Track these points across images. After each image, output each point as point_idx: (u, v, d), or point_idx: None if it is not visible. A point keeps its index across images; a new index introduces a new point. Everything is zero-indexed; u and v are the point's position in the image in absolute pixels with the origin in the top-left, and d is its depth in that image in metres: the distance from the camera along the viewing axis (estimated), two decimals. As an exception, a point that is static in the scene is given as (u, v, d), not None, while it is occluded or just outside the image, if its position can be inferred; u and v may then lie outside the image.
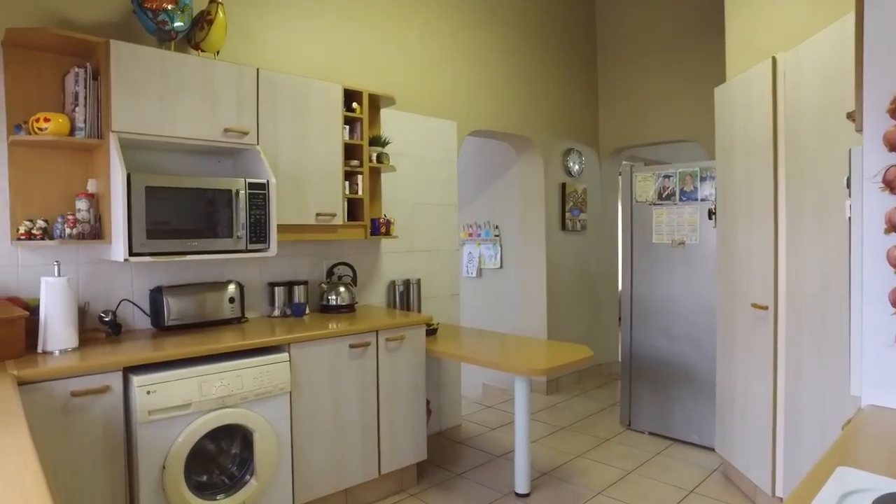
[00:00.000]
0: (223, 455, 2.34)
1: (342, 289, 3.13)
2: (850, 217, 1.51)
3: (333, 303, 3.10)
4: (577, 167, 5.01)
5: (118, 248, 2.20)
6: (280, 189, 2.70)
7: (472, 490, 2.98)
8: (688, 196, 3.48)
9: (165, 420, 2.06)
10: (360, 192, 3.07)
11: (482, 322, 5.09)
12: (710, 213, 3.36)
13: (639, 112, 4.99)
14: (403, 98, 3.68)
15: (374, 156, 3.17)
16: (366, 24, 3.49)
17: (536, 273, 4.78)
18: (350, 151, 3.06)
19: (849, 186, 1.51)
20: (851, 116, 1.73)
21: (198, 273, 2.77)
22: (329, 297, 3.11)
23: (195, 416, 2.13)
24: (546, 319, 4.74)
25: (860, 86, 1.36)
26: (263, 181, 2.54)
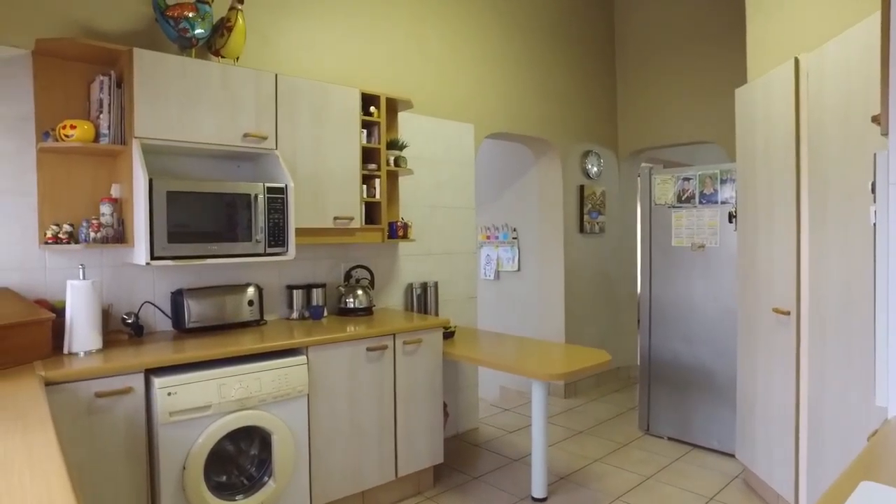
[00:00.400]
0: (242, 456, 2.37)
1: (360, 292, 3.15)
2: (875, 223, 1.48)
3: (351, 306, 3.12)
4: (596, 169, 4.97)
5: (140, 252, 2.24)
6: (298, 193, 2.73)
7: (489, 493, 2.97)
8: (708, 199, 3.43)
9: (186, 421, 2.10)
10: (378, 196, 3.09)
11: (500, 325, 5.08)
12: (731, 217, 3.31)
13: (658, 113, 4.93)
14: (421, 101, 3.69)
15: (392, 159, 3.19)
16: (384, 29, 3.51)
17: (554, 276, 4.75)
18: (368, 155, 3.08)
19: (874, 191, 1.48)
20: (877, 119, 1.69)
21: (218, 276, 2.81)
22: (347, 300, 3.13)
23: (214, 418, 2.16)
24: (564, 322, 4.71)
25: (886, 88, 1.33)
26: (282, 185, 2.57)
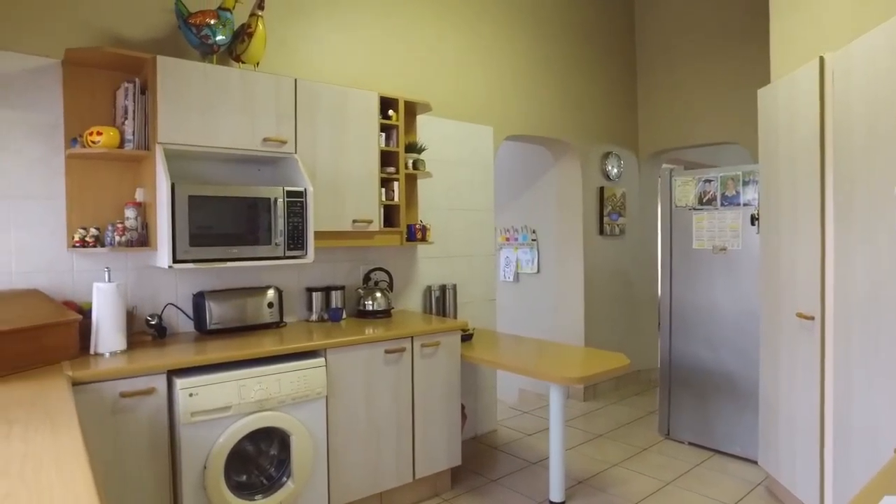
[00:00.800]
0: (262, 456, 2.41)
1: (378, 294, 3.17)
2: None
3: (370, 308, 3.15)
4: (616, 170, 4.93)
5: (163, 255, 2.29)
6: (317, 196, 2.76)
7: (506, 497, 2.97)
8: (729, 201, 3.38)
9: (207, 422, 2.14)
10: (397, 199, 3.10)
11: (520, 327, 5.07)
12: (753, 219, 3.25)
13: (679, 114, 4.87)
14: (440, 104, 3.70)
15: (410, 162, 3.20)
16: (402, 32, 3.53)
17: (574, 278, 4.72)
18: (386, 158, 3.10)
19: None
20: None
21: (239, 278, 2.85)
22: (366, 303, 3.15)
23: (235, 419, 2.20)
24: (584, 324, 4.68)
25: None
26: (301, 189, 2.60)
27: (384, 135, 3.06)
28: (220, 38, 2.52)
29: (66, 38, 2.40)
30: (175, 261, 2.26)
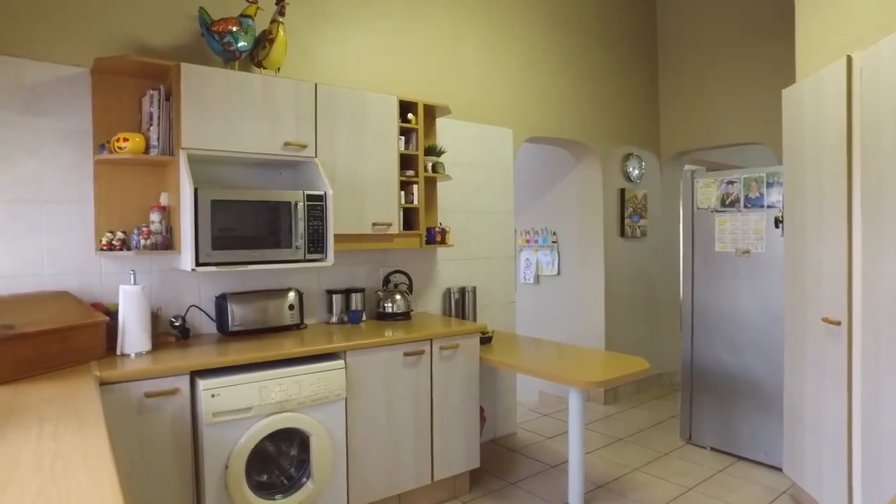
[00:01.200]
0: (282, 456, 2.44)
1: (398, 296, 3.19)
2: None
3: (389, 310, 3.16)
4: (637, 172, 4.88)
5: (186, 259, 2.34)
6: (337, 199, 2.79)
7: (525, 500, 2.96)
8: (753, 203, 3.32)
9: (228, 422, 2.18)
10: (416, 202, 3.12)
11: (540, 329, 5.05)
12: (777, 221, 3.20)
13: (702, 114, 4.80)
14: (459, 107, 3.71)
15: (430, 165, 3.22)
16: (421, 36, 3.54)
17: (595, 280, 4.69)
18: (406, 161, 3.12)
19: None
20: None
21: (260, 280, 2.90)
22: (385, 305, 3.17)
23: (255, 420, 2.23)
24: (604, 327, 4.65)
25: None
26: (321, 193, 2.63)
27: (403, 138, 3.08)
28: (242, 45, 2.56)
29: (95, 48, 2.47)
30: (198, 264, 2.31)
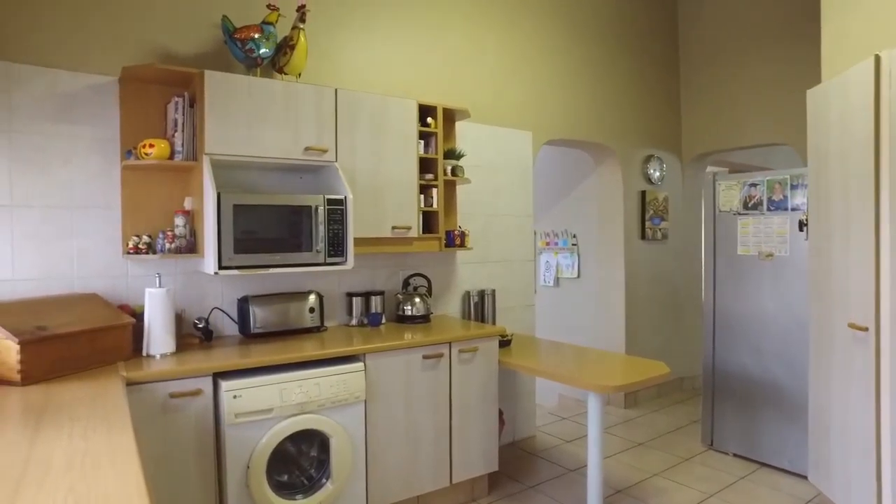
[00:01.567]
0: (302, 457, 2.47)
1: (417, 299, 3.20)
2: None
3: (409, 313, 3.18)
4: (658, 174, 4.83)
5: (209, 262, 2.38)
6: (357, 203, 2.81)
7: (544, 504, 2.96)
8: (776, 205, 3.27)
9: (250, 423, 2.21)
10: (435, 205, 3.14)
11: (560, 332, 5.03)
12: (802, 224, 3.14)
13: (725, 115, 4.74)
14: (478, 110, 3.72)
15: (449, 169, 3.23)
16: (441, 40, 3.56)
17: (615, 283, 4.66)
18: (425, 165, 3.13)
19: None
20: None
21: (281, 283, 2.94)
22: (405, 308, 3.19)
23: (276, 421, 2.27)
24: (625, 330, 4.61)
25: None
26: (341, 197, 2.66)
27: (423, 142, 3.10)
28: (264, 51, 2.60)
29: (123, 57, 2.54)
30: (220, 267, 2.35)
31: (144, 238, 2.48)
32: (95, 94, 2.48)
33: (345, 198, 2.67)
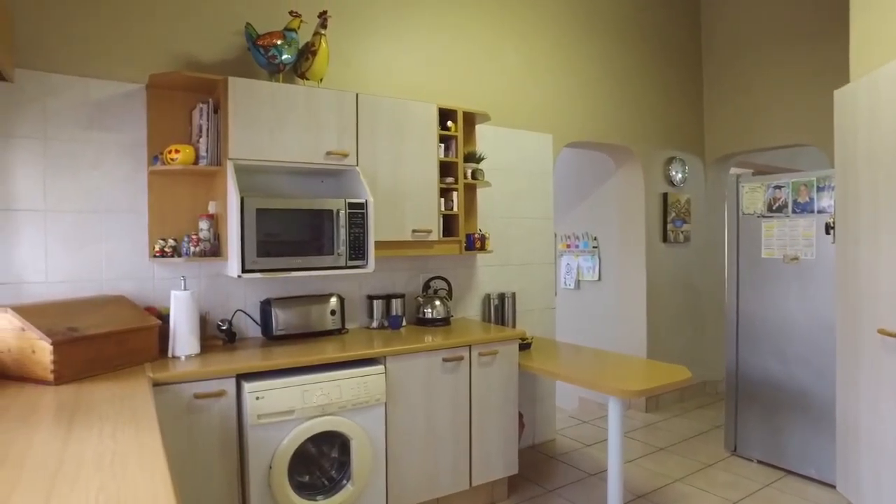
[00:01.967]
0: (323, 458, 2.50)
1: (438, 302, 3.22)
2: None
3: (429, 316, 3.20)
4: (680, 176, 4.78)
5: (233, 265, 2.43)
6: (378, 207, 2.84)
7: (564, 509, 2.94)
8: (802, 208, 3.21)
9: (272, 424, 2.25)
10: (456, 209, 3.15)
11: (581, 335, 5.00)
12: (828, 227, 3.08)
13: (749, 116, 4.67)
14: (499, 113, 3.72)
15: (469, 172, 3.24)
16: (461, 43, 3.57)
17: (636, 285, 4.61)
18: (445, 168, 3.15)
19: None
20: None
21: (303, 286, 2.98)
22: (425, 311, 3.21)
23: (298, 422, 2.30)
24: (646, 333, 4.56)
25: None
26: (362, 201, 2.69)
27: (443, 145, 3.11)
28: (287, 58, 2.64)
29: (150, 64, 2.60)
30: (244, 270, 2.39)
31: (170, 241, 2.54)
32: (124, 102, 2.54)
33: (366, 201, 2.69)
